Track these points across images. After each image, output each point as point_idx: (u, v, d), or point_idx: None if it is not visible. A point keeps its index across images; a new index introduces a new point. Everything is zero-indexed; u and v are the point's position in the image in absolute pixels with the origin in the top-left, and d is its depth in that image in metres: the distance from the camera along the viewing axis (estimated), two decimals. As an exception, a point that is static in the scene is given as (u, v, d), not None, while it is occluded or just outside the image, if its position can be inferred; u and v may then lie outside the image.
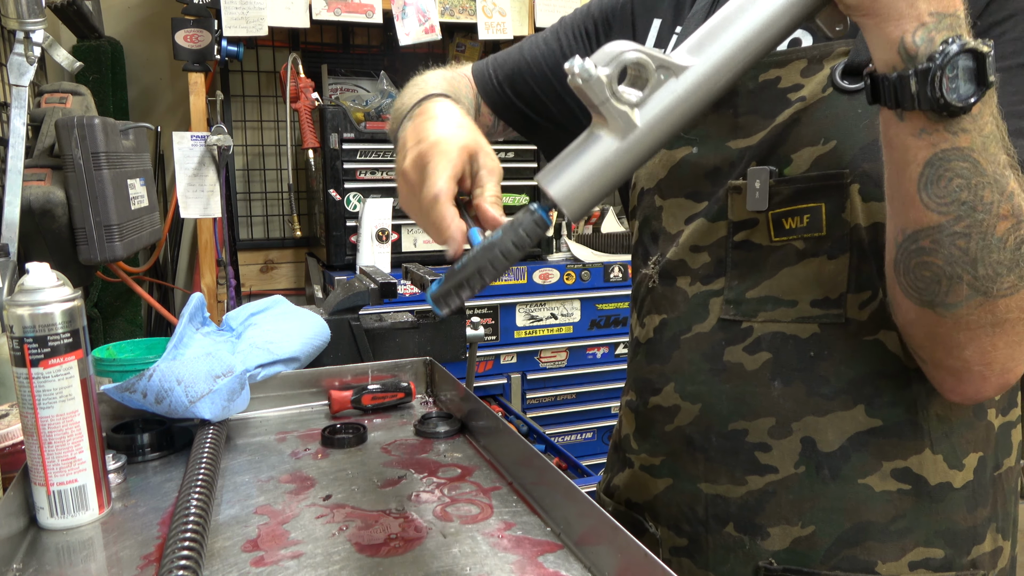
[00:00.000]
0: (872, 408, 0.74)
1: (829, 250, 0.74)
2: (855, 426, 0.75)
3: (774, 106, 0.77)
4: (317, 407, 1.12)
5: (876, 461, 0.75)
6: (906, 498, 0.75)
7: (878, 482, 0.75)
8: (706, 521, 0.82)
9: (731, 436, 0.79)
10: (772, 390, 0.77)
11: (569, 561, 0.69)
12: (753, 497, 0.78)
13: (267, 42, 2.61)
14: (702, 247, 0.82)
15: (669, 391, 0.84)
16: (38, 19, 1.41)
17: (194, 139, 2.18)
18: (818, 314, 0.75)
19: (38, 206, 1.48)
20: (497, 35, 2.42)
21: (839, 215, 0.73)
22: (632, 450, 0.91)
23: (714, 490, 0.81)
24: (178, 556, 0.63)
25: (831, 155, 0.73)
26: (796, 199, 0.74)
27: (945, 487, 0.75)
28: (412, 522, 0.76)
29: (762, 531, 0.78)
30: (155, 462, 0.93)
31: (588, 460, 2.46)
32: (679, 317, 0.84)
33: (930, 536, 0.75)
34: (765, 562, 0.78)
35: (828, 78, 0.73)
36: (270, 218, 2.83)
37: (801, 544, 0.77)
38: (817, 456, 0.76)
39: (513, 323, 2.41)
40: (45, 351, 0.73)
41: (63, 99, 1.64)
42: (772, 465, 0.77)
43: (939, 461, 0.75)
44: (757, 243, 0.78)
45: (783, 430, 0.76)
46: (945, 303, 0.63)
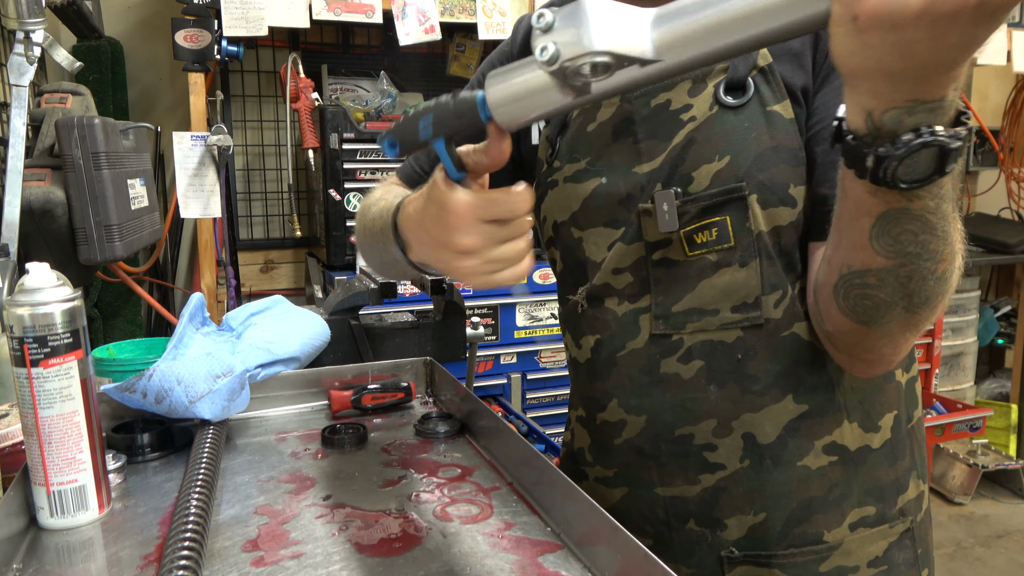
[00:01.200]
0: (798, 395, 0.80)
1: (740, 258, 0.79)
2: (787, 415, 0.81)
3: (669, 128, 0.82)
4: (317, 407, 1.12)
5: (808, 442, 0.81)
6: (835, 468, 0.81)
7: (813, 460, 0.81)
8: (667, 521, 0.87)
9: (679, 441, 0.84)
10: (709, 394, 0.82)
11: (569, 561, 0.69)
12: (708, 494, 0.84)
13: (267, 42, 2.61)
14: (623, 268, 0.86)
15: (614, 407, 0.88)
16: (38, 19, 1.41)
17: (194, 139, 2.18)
18: (739, 319, 0.80)
19: (38, 206, 1.48)
20: (497, 35, 2.42)
21: (744, 225, 0.78)
22: (587, 463, 0.95)
23: (670, 492, 0.86)
24: (178, 556, 0.63)
25: (727, 170, 0.78)
26: (703, 215, 0.79)
27: (864, 450, 0.82)
28: (412, 522, 0.76)
29: (720, 523, 0.84)
30: (155, 462, 0.93)
31: (588, 460, 2.46)
32: (612, 336, 0.88)
33: (861, 496, 0.82)
34: (727, 552, 0.84)
35: (713, 96, 0.79)
36: (270, 218, 2.83)
37: (757, 530, 0.82)
38: (759, 449, 0.81)
39: (513, 323, 2.41)
40: (45, 351, 0.73)
41: (63, 99, 1.64)
42: (720, 463, 0.83)
43: (855, 428, 0.82)
44: (674, 259, 0.82)
45: (725, 429, 0.82)
46: (878, 322, 0.69)
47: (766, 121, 0.77)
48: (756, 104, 0.77)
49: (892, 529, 0.84)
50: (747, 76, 0.78)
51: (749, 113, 0.77)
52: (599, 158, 0.87)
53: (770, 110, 0.77)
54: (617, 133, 0.85)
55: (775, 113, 0.77)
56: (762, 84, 0.77)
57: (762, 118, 0.77)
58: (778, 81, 0.77)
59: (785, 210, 0.77)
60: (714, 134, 0.78)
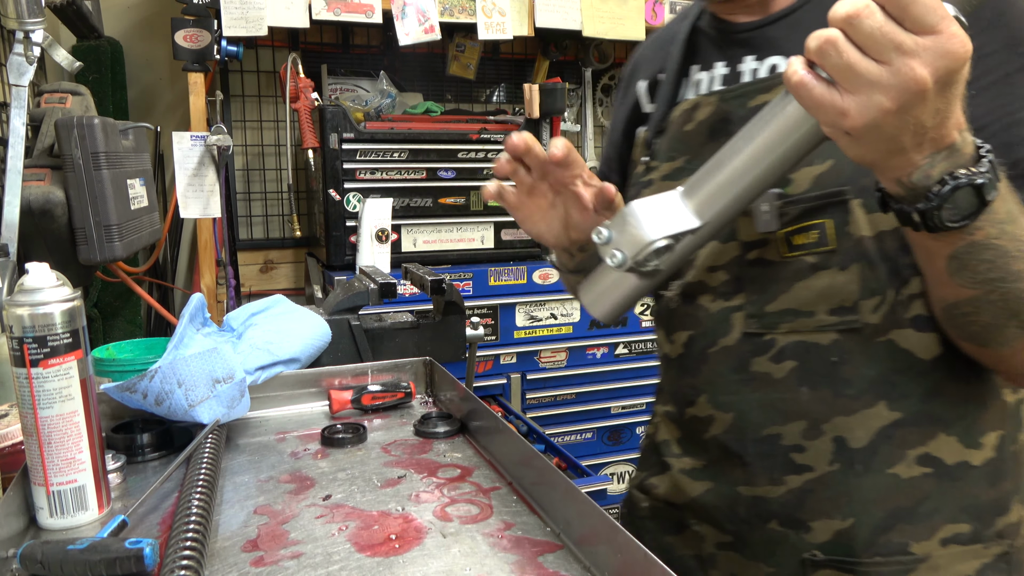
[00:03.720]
0: (892, 402, 0.78)
1: (840, 262, 0.77)
2: (879, 421, 0.79)
3: None
4: (317, 407, 1.12)
5: (901, 451, 0.79)
6: (928, 480, 0.79)
7: (904, 470, 0.79)
8: (748, 520, 0.86)
9: (766, 441, 0.83)
10: (800, 395, 0.81)
11: (569, 561, 0.69)
12: (793, 495, 0.82)
13: (267, 42, 2.60)
14: (718, 267, 0.85)
15: (703, 403, 0.88)
16: (38, 19, 1.41)
17: (194, 139, 2.18)
18: (835, 321, 0.79)
19: (38, 206, 1.48)
20: (497, 35, 2.42)
21: (845, 229, 0.76)
22: (673, 454, 0.94)
23: (753, 492, 0.85)
24: (180, 556, 0.63)
25: (830, 173, 0.76)
26: (803, 217, 0.78)
27: (963, 466, 0.79)
28: (412, 522, 0.76)
29: (804, 525, 0.82)
30: (155, 462, 0.93)
31: (588, 460, 2.46)
32: (704, 332, 0.87)
33: (955, 513, 0.79)
34: (810, 554, 0.82)
35: None
36: (270, 218, 2.82)
37: (843, 536, 0.81)
38: (849, 453, 0.80)
39: (513, 323, 2.41)
40: (45, 351, 0.73)
41: (63, 99, 1.64)
42: (808, 464, 0.81)
43: (953, 442, 0.79)
44: (769, 259, 0.81)
45: (815, 431, 0.81)
46: (997, 343, 0.70)
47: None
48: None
49: (987, 550, 0.80)
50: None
51: None
52: (696, 157, 0.86)
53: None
54: (714, 132, 0.85)
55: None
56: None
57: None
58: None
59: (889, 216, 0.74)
60: None
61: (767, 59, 0.84)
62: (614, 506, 2.68)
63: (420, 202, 2.36)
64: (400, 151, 2.31)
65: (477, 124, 2.48)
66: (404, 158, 2.32)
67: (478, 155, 2.40)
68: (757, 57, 0.85)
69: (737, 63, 0.87)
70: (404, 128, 2.35)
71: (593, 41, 2.92)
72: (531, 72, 2.99)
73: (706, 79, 0.90)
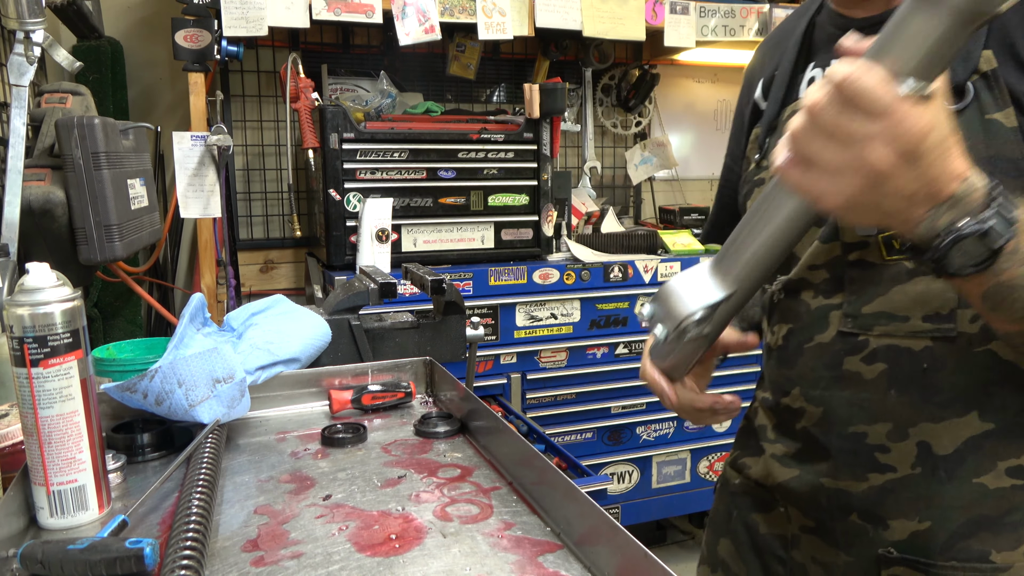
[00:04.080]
0: (985, 413, 0.78)
1: None
2: (969, 431, 0.79)
3: None
4: (317, 407, 1.12)
5: (991, 462, 0.79)
6: (1019, 492, 0.79)
7: (992, 480, 0.79)
8: (830, 510, 0.88)
9: (851, 438, 0.84)
10: (888, 398, 0.82)
11: (569, 561, 0.69)
12: (874, 492, 0.84)
13: (267, 42, 2.61)
14: (819, 265, 0.86)
15: (796, 394, 0.90)
16: (38, 19, 1.41)
17: (194, 139, 2.18)
18: (930, 328, 0.79)
19: (38, 206, 1.48)
20: (497, 35, 2.42)
21: None
22: (768, 439, 0.97)
23: (836, 485, 0.87)
24: (180, 556, 0.63)
25: None
26: None
27: None
28: (412, 522, 0.76)
29: (883, 522, 0.84)
30: (155, 462, 0.93)
31: (588, 460, 2.46)
32: (802, 327, 0.89)
33: None
34: (885, 550, 0.83)
35: None
36: (270, 218, 2.82)
37: (919, 537, 0.81)
38: (933, 459, 0.80)
39: (513, 323, 2.41)
40: (45, 351, 0.73)
41: (63, 99, 1.64)
42: (891, 465, 0.82)
43: None
44: (871, 261, 0.82)
45: (900, 434, 0.81)
46: None
47: (983, 130, 0.73)
48: (974, 111, 0.74)
49: None
50: (966, 81, 0.74)
51: (965, 120, 0.73)
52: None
53: (989, 118, 0.73)
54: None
55: (995, 122, 0.73)
56: (983, 90, 0.74)
57: (979, 126, 0.74)
58: (1002, 87, 0.73)
59: None
60: None
61: None
62: (614, 506, 2.68)
63: (420, 202, 2.36)
64: (400, 151, 2.31)
65: (477, 124, 2.48)
66: (404, 158, 2.32)
67: (478, 155, 2.40)
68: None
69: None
70: (404, 128, 2.35)
71: (593, 41, 2.92)
72: (531, 72, 2.99)
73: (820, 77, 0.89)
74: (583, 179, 3.12)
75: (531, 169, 2.46)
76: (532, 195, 2.47)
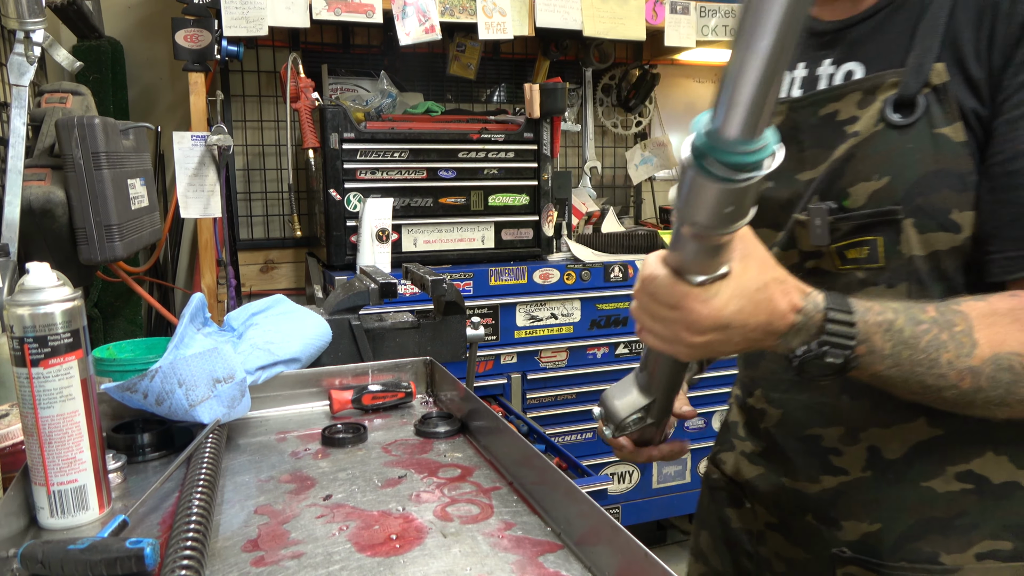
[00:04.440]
0: (932, 419, 0.79)
1: (888, 279, 0.78)
2: (917, 436, 0.81)
3: (833, 139, 0.81)
4: (317, 407, 1.12)
5: (939, 467, 0.80)
6: (969, 496, 0.80)
7: (941, 484, 0.80)
8: (789, 509, 0.91)
9: (807, 440, 0.87)
10: (842, 402, 0.84)
11: (569, 561, 0.69)
12: (828, 494, 0.86)
13: (267, 42, 2.60)
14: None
15: (759, 395, 0.93)
16: (38, 19, 1.41)
17: (194, 139, 2.18)
18: None
19: (38, 206, 1.48)
20: (497, 35, 2.42)
21: (895, 248, 0.77)
22: (739, 436, 1.00)
23: (793, 485, 0.89)
24: (180, 556, 0.63)
25: (885, 190, 0.76)
26: (855, 233, 0.79)
27: (1011, 485, 0.80)
28: (412, 522, 0.76)
29: (836, 523, 0.86)
30: (155, 462, 0.93)
31: (588, 460, 2.45)
32: None
33: (997, 530, 0.80)
34: (839, 550, 0.85)
35: (879, 112, 0.77)
36: (270, 218, 2.82)
37: (870, 538, 0.84)
38: (883, 462, 0.82)
39: (513, 323, 2.41)
40: (45, 351, 0.73)
41: (63, 99, 1.64)
42: (843, 467, 0.85)
43: (1004, 462, 0.80)
44: (826, 270, 0.83)
45: (852, 438, 0.84)
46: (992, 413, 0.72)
47: (932, 144, 0.74)
48: (924, 125, 0.75)
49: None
50: (917, 94, 0.75)
51: (915, 134, 0.75)
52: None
53: (938, 132, 0.74)
54: (784, 140, 0.85)
55: (943, 136, 0.74)
56: (934, 104, 0.74)
57: (928, 140, 0.74)
58: (951, 102, 0.74)
59: (945, 235, 0.75)
60: (875, 152, 0.77)
61: (844, 65, 0.83)
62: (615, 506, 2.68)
63: (420, 202, 2.36)
64: (400, 151, 2.31)
65: (478, 124, 2.48)
66: (404, 158, 2.32)
67: (478, 155, 2.40)
68: (834, 61, 0.84)
69: (816, 66, 0.86)
70: (404, 128, 2.35)
71: (593, 41, 2.92)
72: (531, 72, 2.99)
73: (787, 80, 0.89)
74: (583, 179, 3.12)
75: (531, 169, 2.45)
76: (532, 195, 2.47)
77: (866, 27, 0.82)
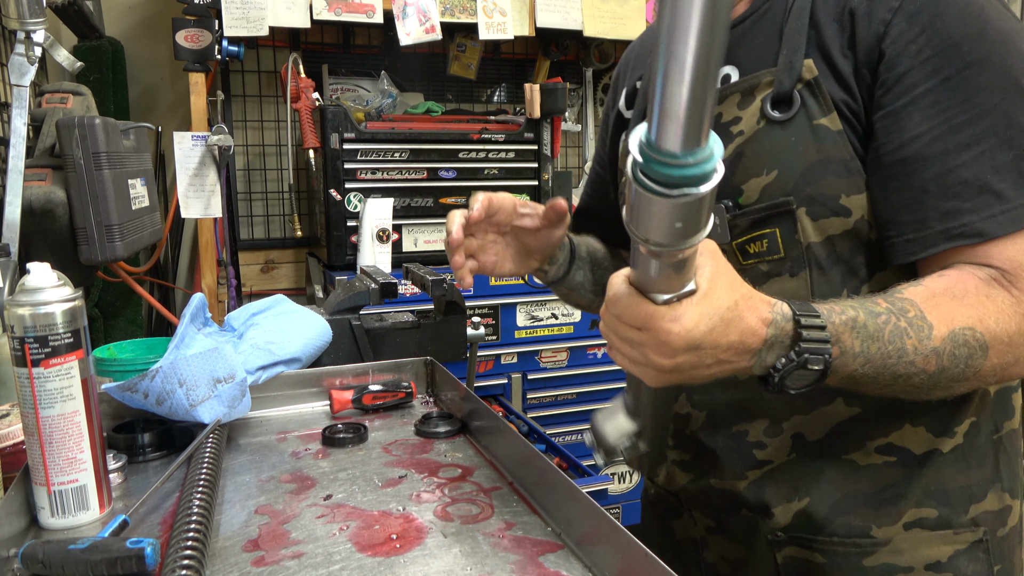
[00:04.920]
0: (848, 399, 0.82)
1: (790, 268, 0.81)
2: (837, 417, 0.83)
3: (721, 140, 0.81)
4: (318, 407, 1.12)
5: (859, 442, 0.83)
6: (892, 468, 0.82)
7: (862, 457, 0.83)
8: (723, 508, 0.91)
9: (735, 437, 0.88)
10: (763, 396, 0.83)
11: (570, 561, 0.69)
12: (756, 486, 0.87)
13: (268, 42, 2.60)
14: None
15: (683, 400, 0.93)
16: (39, 19, 1.41)
17: (195, 139, 2.18)
18: None
19: (39, 206, 1.48)
20: (498, 35, 2.42)
21: (793, 237, 0.80)
22: (668, 446, 0.99)
23: (722, 485, 0.90)
24: (181, 556, 0.63)
25: (776, 184, 0.79)
26: (752, 228, 0.81)
27: (933, 454, 0.82)
28: (413, 522, 0.76)
29: (767, 511, 0.87)
30: (156, 462, 0.93)
31: (588, 460, 2.45)
32: None
33: (920, 498, 0.82)
34: (773, 536, 0.87)
35: (760, 110, 0.80)
36: (271, 218, 2.82)
37: (800, 516, 0.85)
38: (806, 445, 0.84)
39: (514, 323, 2.41)
40: (46, 351, 0.73)
41: (64, 99, 1.65)
42: (768, 459, 0.86)
43: (922, 432, 0.82)
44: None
45: (776, 429, 0.85)
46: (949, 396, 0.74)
47: (813, 135, 0.78)
48: (803, 118, 0.78)
49: (958, 536, 0.82)
50: (792, 89, 0.78)
51: (796, 127, 0.78)
52: None
53: (816, 123, 0.78)
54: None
55: (822, 127, 0.77)
56: (808, 97, 0.78)
57: (809, 132, 0.78)
58: (824, 94, 0.77)
59: (837, 220, 0.78)
60: (762, 148, 0.80)
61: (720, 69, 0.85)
62: (615, 506, 2.68)
63: (421, 202, 2.36)
64: (401, 151, 2.31)
65: (478, 124, 2.48)
66: (405, 158, 2.32)
67: (479, 155, 2.40)
68: None
69: None
70: (405, 128, 2.35)
71: (594, 41, 2.92)
72: (532, 72, 2.99)
73: None
74: (584, 179, 3.12)
75: (532, 169, 2.46)
76: (533, 195, 2.47)
77: (736, 33, 0.85)
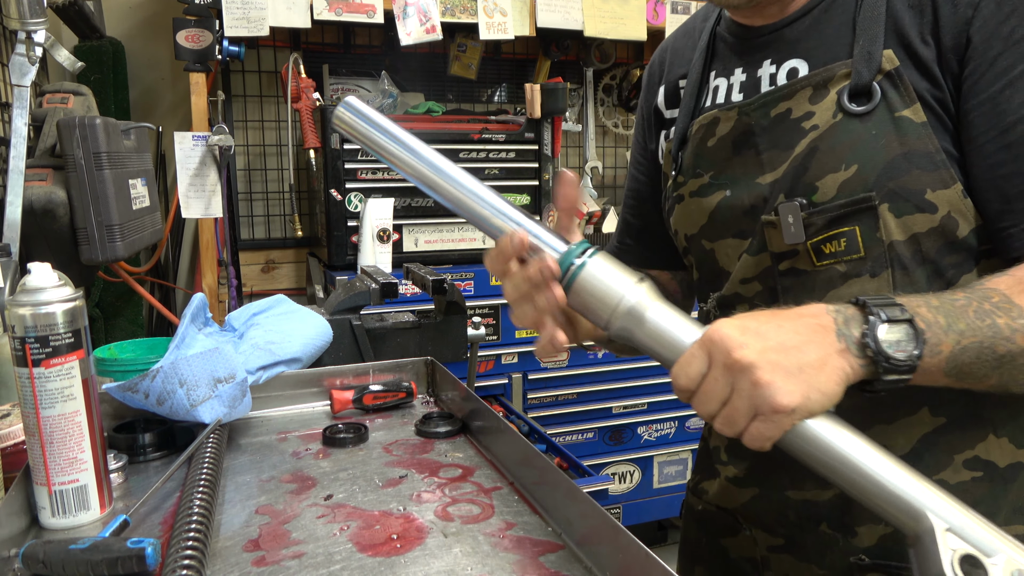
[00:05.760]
0: (935, 408, 0.78)
1: (871, 268, 0.77)
2: (922, 428, 0.79)
3: (791, 137, 0.80)
4: (318, 407, 1.12)
5: (948, 456, 0.79)
6: (980, 484, 0.79)
7: (952, 475, 0.79)
8: (799, 523, 0.86)
9: None
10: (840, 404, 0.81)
11: (570, 561, 0.69)
12: (840, 499, 0.82)
13: (268, 42, 2.60)
14: (751, 278, 0.85)
15: None
16: (40, 19, 1.41)
17: (195, 139, 2.18)
18: None
19: (40, 206, 1.48)
20: (498, 35, 2.42)
21: (874, 235, 0.76)
22: (721, 462, 0.95)
23: (802, 496, 0.85)
24: (181, 556, 0.63)
25: (855, 179, 0.76)
26: (830, 226, 0.77)
27: (1016, 467, 0.79)
28: (413, 522, 0.76)
29: (851, 530, 0.83)
30: (156, 462, 0.93)
31: (589, 460, 2.45)
32: None
33: (1009, 515, 0.79)
34: (856, 558, 0.82)
35: (836, 103, 0.77)
36: (271, 218, 2.83)
37: (888, 540, 0.81)
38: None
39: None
40: (47, 351, 0.73)
41: (65, 99, 1.65)
42: None
43: (1005, 443, 0.79)
44: (802, 269, 0.81)
45: None
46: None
47: (895, 127, 0.74)
48: (884, 110, 0.75)
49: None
50: (871, 81, 0.75)
51: (876, 120, 0.75)
52: (722, 172, 0.87)
53: (899, 115, 0.75)
54: (738, 146, 0.85)
55: (904, 119, 0.74)
56: (889, 89, 0.75)
57: (891, 124, 0.75)
58: (906, 85, 0.74)
59: (922, 217, 0.75)
60: (838, 143, 0.77)
61: (786, 63, 0.83)
62: (615, 506, 2.67)
63: (421, 202, 2.36)
64: (401, 151, 2.31)
65: (479, 124, 2.48)
66: (405, 158, 2.32)
67: (479, 155, 2.40)
68: (773, 61, 0.84)
69: (756, 68, 0.85)
70: (405, 128, 2.35)
71: (594, 41, 2.92)
72: (532, 72, 2.99)
73: (724, 86, 0.89)
74: (584, 179, 3.12)
75: (532, 169, 2.46)
76: (533, 195, 2.47)
77: (802, 25, 0.82)
